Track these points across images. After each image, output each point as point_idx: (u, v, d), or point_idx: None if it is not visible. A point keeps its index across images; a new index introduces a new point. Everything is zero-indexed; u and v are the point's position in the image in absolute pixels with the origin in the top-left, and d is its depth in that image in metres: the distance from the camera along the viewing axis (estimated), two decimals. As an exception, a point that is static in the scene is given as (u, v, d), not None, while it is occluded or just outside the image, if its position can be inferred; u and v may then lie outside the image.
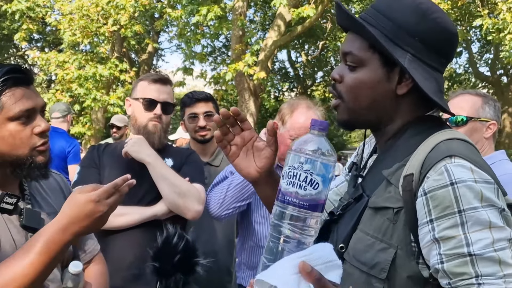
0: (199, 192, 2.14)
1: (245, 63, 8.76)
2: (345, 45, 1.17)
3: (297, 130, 2.27)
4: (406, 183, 1.04)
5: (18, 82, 1.33)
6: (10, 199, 1.36)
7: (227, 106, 17.18)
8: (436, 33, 1.11)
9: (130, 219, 2.07)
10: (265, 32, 14.74)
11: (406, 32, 1.10)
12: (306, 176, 0.95)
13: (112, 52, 11.80)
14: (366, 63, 1.13)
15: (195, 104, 2.82)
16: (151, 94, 2.19)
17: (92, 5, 10.06)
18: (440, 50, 1.13)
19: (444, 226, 0.99)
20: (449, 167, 1.00)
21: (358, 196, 1.16)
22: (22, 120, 1.33)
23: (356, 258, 1.10)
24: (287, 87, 20.00)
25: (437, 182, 1.00)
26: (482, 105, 2.13)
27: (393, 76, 1.12)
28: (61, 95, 10.45)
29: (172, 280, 1.83)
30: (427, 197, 1.01)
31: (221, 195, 2.26)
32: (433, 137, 1.08)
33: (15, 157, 1.34)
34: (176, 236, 1.86)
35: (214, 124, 2.83)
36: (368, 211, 1.11)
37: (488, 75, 15.92)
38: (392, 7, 1.12)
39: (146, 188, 2.12)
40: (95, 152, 2.23)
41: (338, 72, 1.18)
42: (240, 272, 2.47)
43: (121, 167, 2.13)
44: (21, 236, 1.37)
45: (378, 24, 1.11)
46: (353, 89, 1.14)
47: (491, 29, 8.29)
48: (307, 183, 0.95)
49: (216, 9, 8.31)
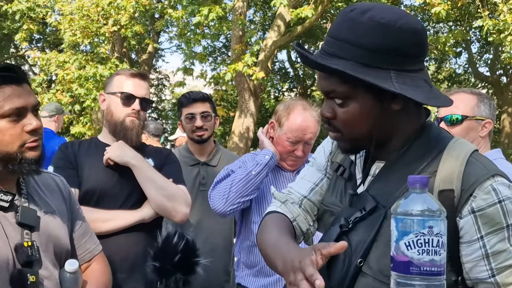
0: (186, 195, 2.12)
1: (244, 63, 8.76)
2: (323, 84, 1.13)
3: (294, 132, 2.29)
4: (444, 198, 1.06)
5: (9, 81, 1.35)
6: (5, 196, 1.39)
7: (227, 106, 17.17)
8: (407, 39, 1.08)
9: (116, 224, 2.01)
10: (265, 33, 14.74)
11: (379, 53, 1.06)
12: (438, 240, 0.90)
13: (112, 52, 11.80)
14: (352, 95, 1.10)
15: (192, 104, 2.83)
16: (129, 89, 2.10)
17: (92, 5, 10.06)
18: (416, 52, 1.11)
19: (494, 241, 1.04)
20: (496, 186, 1.05)
21: (373, 207, 1.12)
22: (12, 117, 1.35)
23: (384, 274, 1.05)
24: (287, 87, 19.98)
25: (485, 201, 1.05)
26: (477, 104, 2.11)
27: (384, 96, 1.09)
28: (61, 95, 10.44)
29: (172, 280, 1.84)
30: (476, 215, 1.05)
31: (225, 191, 2.26)
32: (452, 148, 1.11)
33: (4, 153, 1.36)
34: (176, 235, 1.87)
35: (211, 124, 2.86)
36: (387, 221, 1.06)
37: (488, 75, 15.90)
38: (355, 32, 1.07)
39: (128, 191, 2.07)
40: (69, 151, 2.11)
41: (327, 111, 1.14)
42: (239, 271, 2.48)
43: (101, 168, 2.07)
44: (16, 233, 1.38)
45: (348, 54, 1.07)
46: (350, 123, 1.13)
47: (492, 30, 8.29)
48: (440, 247, 0.90)
49: (217, 10, 8.30)
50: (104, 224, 1.97)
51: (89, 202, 2.02)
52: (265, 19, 16.62)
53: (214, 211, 2.32)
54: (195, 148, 2.91)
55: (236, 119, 11.03)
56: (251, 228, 2.38)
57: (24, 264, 1.36)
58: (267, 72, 10.51)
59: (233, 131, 11.03)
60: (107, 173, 2.09)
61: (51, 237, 1.48)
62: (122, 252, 2.03)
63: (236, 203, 2.26)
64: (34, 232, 1.42)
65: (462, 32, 10.77)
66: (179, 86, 11.14)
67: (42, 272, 1.41)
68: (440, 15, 8.14)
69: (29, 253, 1.36)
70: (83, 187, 2.04)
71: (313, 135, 2.34)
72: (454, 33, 10.12)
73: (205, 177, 2.82)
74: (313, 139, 2.36)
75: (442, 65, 18.62)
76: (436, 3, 8.21)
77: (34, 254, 1.37)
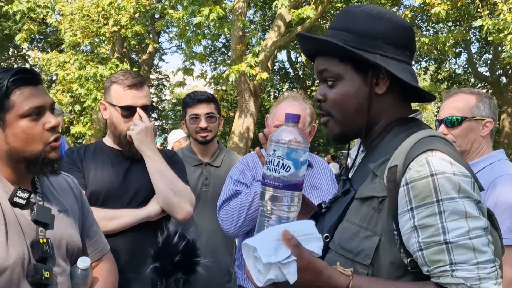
0: (191, 194, 2.14)
1: (247, 64, 8.76)
2: (318, 65, 1.26)
3: (279, 118, 2.30)
4: (390, 174, 1.10)
5: (26, 82, 1.41)
6: (23, 194, 1.43)
7: (227, 106, 17.18)
8: (394, 30, 1.21)
9: (123, 222, 2.01)
10: (265, 33, 14.75)
11: (368, 37, 1.20)
12: (279, 161, 1.13)
13: (112, 52, 11.81)
14: (342, 75, 1.22)
15: (197, 105, 2.82)
16: (127, 102, 2.09)
17: (92, 5, 10.07)
18: (402, 45, 1.22)
19: (423, 215, 1.04)
20: (430, 160, 1.06)
21: (346, 190, 1.24)
22: (32, 116, 1.40)
23: (342, 246, 1.16)
24: (287, 87, 20.00)
25: (418, 173, 1.05)
26: (477, 104, 2.10)
27: (369, 79, 1.20)
28: (62, 95, 10.45)
29: (172, 280, 1.84)
30: (408, 187, 1.06)
31: (239, 217, 2.23)
32: (416, 134, 1.14)
33: (29, 153, 1.41)
34: (176, 235, 1.88)
35: (215, 125, 2.86)
36: (355, 203, 1.18)
37: (487, 75, 15.92)
38: (348, 21, 1.22)
39: (133, 192, 2.09)
40: (75, 155, 2.13)
41: (320, 93, 1.26)
42: (240, 273, 2.49)
43: (107, 171, 2.10)
44: (31, 230, 1.43)
45: (341, 38, 1.20)
46: (338, 103, 1.23)
47: (492, 30, 8.29)
48: (280, 166, 1.13)
49: (218, 10, 8.29)
50: (110, 223, 1.98)
51: (95, 204, 2.02)
52: (265, 19, 16.63)
53: (225, 232, 2.31)
54: (198, 149, 2.90)
55: (236, 119, 11.04)
56: None
57: (39, 260, 1.41)
58: (267, 72, 10.51)
59: (233, 131, 11.04)
60: (113, 175, 2.10)
61: (64, 235, 1.52)
62: (129, 251, 2.04)
63: (248, 228, 2.25)
64: (48, 230, 1.47)
65: (462, 32, 10.78)
66: (179, 86, 11.13)
67: (55, 269, 1.46)
68: (440, 15, 8.14)
69: (44, 250, 1.41)
70: (89, 189, 2.06)
71: (301, 123, 2.31)
72: (454, 33, 10.13)
73: (208, 177, 2.82)
74: (302, 128, 2.32)
75: (442, 65, 18.63)
76: (436, 3, 8.22)
77: (49, 251, 1.42)
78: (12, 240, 1.37)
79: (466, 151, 2.11)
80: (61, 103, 10.08)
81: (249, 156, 2.51)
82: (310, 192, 2.36)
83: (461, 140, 2.10)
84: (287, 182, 1.13)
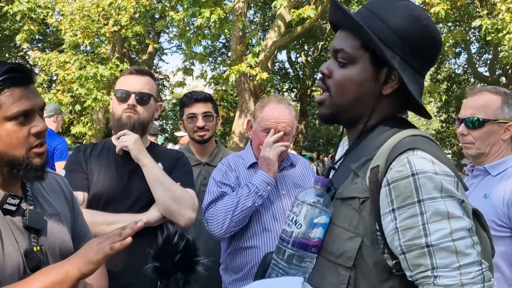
0: (193, 199, 2.11)
1: (247, 64, 8.76)
2: (337, 42, 1.20)
3: (266, 121, 2.30)
4: (372, 174, 1.07)
5: (17, 82, 1.31)
6: (13, 200, 1.35)
7: (227, 106, 17.19)
8: (424, 39, 1.15)
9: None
10: (265, 33, 14.75)
11: (397, 36, 1.14)
12: (293, 217, 1.15)
13: (113, 52, 11.83)
14: (356, 61, 1.16)
15: (194, 104, 2.83)
16: (124, 86, 2.11)
17: (93, 5, 10.08)
18: (426, 56, 1.17)
19: (405, 216, 1.01)
20: (411, 159, 1.03)
21: (328, 188, 1.20)
22: (19, 120, 1.31)
23: (323, 248, 1.13)
24: (287, 87, 20.00)
25: (400, 173, 1.02)
26: (501, 106, 1.96)
27: (380, 76, 1.16)
28: (62, 95, 10.47)
29: (172, 280, 1.85)
30: (390, 187, 1.03)
31: (225, 220, 2.21)
32: (399, 133, 1.12)
33: (11, 157, 1.32)
34: (176, 235, 1.88)
35: (212, 124, 2.87)
36: (335, 202, 1.15)
37: (487, 76, 15.93)
38: (387, 11, 1.15)
39: (135, 197, 2.07)
40: (81, 156, 2.11)
41: (327, 67, 1.21)
42: (226, 277, 2.46)
43: (110, 173, 2.08)
44: (24, 237, 1.35)
45: (372, 25, 1.14)
46: (341, 85, 1.18)
47: (490, 30, 8.30)
48: (292, 222, 1.15)
49: (219, 11, 8.29)
50: (108, 227, 1.93)
51: (97, 207, 2.01)
52: (265, 19, 16.63)
53: (211, 233, 2.29)
54: (196, 148, 2.91)
55: (236, 119, 11.04)
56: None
57: (33, 269, 1.33)
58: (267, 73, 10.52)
59: (233, 131, 11.04)
60: (116, 177, 2.09)
61: (57, 239, 1.46)
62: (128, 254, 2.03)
63: (234, 229, 2.25)
64: (41, 236, 1.40)
65: (461, 32, 10.79)
66: (179, 86, 11.14)
67: None
68: (440, 15, 8.14)
69: (39, 258, 1.34)
70: (91, 191, 2.04)
71: (287, 125, 2.31)
72: (453, 33, 10.15)
73: (206, 177, 2.81)
74: (288, 129, 2.32)
75: (442, 65, 18.63)
76: (436, 3, 8.22)
77: (43, 259, 1.35)
78: (8, 250, 1.30)
79: (484, 154, 2.01)
80: (61, 103, 10.10)
81: (230, 157, 2.49)
82: (294, 190, 2.39)
83: (480, 143, 2.00)
84: (297, 239, 1.14)
